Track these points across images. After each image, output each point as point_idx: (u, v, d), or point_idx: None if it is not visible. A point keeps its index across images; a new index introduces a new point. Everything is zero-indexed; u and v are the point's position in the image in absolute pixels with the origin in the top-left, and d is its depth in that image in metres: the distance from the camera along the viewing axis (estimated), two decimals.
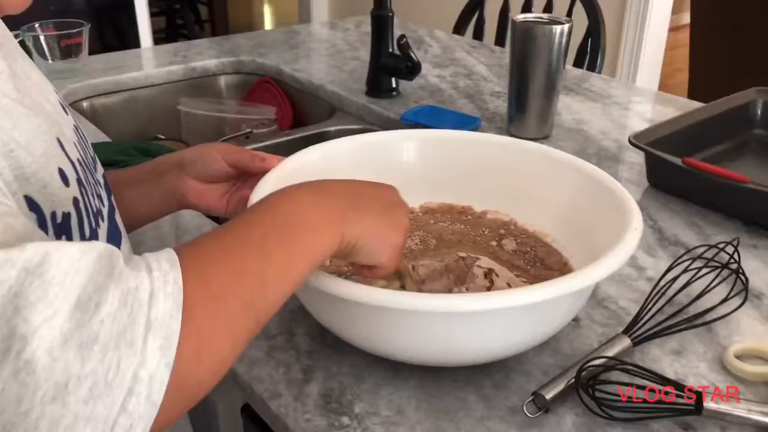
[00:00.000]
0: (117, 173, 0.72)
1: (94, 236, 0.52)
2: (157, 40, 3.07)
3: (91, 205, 0.52)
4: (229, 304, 0.41)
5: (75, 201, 0.49)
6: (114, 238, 0.57)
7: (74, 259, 0.36)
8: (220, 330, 0.41)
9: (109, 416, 0.35)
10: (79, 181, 0.51)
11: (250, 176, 0.71)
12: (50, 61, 1.31)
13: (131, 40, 2.72)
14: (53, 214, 0.46)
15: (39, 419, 0.33)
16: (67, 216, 0.48)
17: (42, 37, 1.30)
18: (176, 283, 0.38)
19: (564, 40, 1.04)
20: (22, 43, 1.30)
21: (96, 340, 0.35)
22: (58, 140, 0.51)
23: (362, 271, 0.57)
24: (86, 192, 0.52)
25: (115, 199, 0.61)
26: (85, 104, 1.32)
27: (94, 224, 0.52)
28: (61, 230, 0.47)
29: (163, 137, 1.34)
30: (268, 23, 5.18)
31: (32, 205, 0.45)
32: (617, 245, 0.58)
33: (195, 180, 0.70)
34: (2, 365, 0.33)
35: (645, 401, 0.57)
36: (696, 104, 1.23)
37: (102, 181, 0.58)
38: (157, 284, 0.38)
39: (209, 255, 0.43)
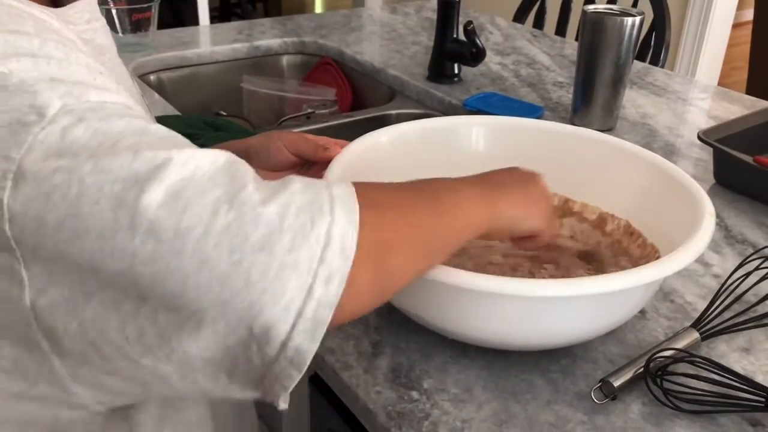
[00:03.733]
0: None
1: None
2: (211, 18, 3.11)
3: None
4: (401, 221, 0.46)
5: None
6: None
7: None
8: (391, 231, 0.45)
9: (311, 265, 0.38)
10: None
11: (314, 164, 0.73)
12: (121, 34, 1.35)
13: (187, 18, 2.76)
14: None
15: (250, 267, 0.37)
16: None
17: (114, 11, 1.33)
18: (349, 186, 0.43)
19: (635, 32, 1.03)
20: None
21: (290, 203, 0.39)
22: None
23: (524, 244, 0.62)
24: None
25: None
26: (152, 78, 1.35)
27: None
28: None
29: (224, 114, 1.37)
30: (318, 5, 5.19)
31: None
32: (698, 230, 0.59)
33: (261, 169, 0.72)
34: (215, 222, 0.37)
35: (714, 395, 0.57)
36: (765, 103, 1.21)
37: None
38: (331, 183, 0.43)
39: (381, 190, 0.48)
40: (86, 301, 0.38)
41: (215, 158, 0.40)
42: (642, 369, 0.59)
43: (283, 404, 0.42)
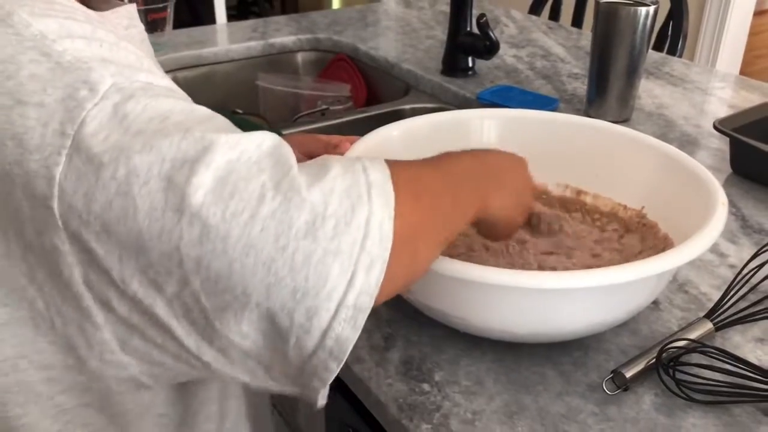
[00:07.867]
0: None
1: None
2: (229, 17, 3.14)
3: None
4: (431, 208, 0.47)
5: None
6: None
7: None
8: (421, 218, 0.45)
9: (353, 252, 0.39)
10: None
11: None
12: None
13: (205, 16, 2.78)
14: None
15: (294, 253, 0.38)
16: None
17: None
18: (384, 170, 0.44)
19: (649, 22, 1.02)
20: None
21: (333, 189, 0.40)
22: None
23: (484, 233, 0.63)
24: None
25: None
26: (169, 77, 1.36)
27: None
28: None
29: (241, 111, 1.38)
30: (336, 0, 5.19)
31: None
32: (710, 219, 0.58)
33: None
34: (261, 207, 0.38)
35: (727, 385, 0.57)
36: None
37: None
38: (366, 163, 0.44)
39: (415, 174, 0.49)
40: (130, 280, 0.40)
41: (260, 142, 0.41)
42: (654, 360, 0.59)
43: (321, 401, 0.44)
